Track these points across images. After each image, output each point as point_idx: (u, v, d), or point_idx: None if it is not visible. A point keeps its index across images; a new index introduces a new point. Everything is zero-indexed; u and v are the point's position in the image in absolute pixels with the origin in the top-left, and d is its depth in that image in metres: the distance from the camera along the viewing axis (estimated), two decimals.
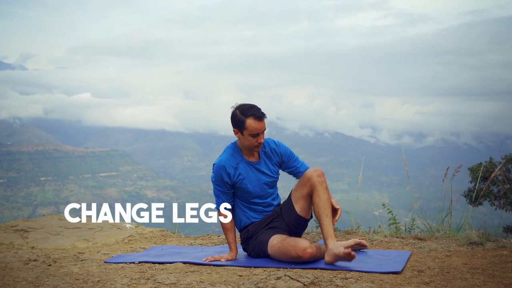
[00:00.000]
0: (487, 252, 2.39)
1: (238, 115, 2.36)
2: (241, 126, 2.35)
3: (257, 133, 2.35)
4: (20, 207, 76.64)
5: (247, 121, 2.33)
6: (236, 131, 2.38)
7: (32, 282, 2.03)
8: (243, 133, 2.37)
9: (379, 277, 2.04)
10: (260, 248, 2.41)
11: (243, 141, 2.40)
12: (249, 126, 2.33)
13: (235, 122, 2.38)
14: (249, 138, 2.36)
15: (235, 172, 2.39)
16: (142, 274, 2.19)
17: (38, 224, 3.45)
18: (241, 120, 2.35)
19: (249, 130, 2.34)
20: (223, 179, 2.39)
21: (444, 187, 2.99)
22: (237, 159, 2.42)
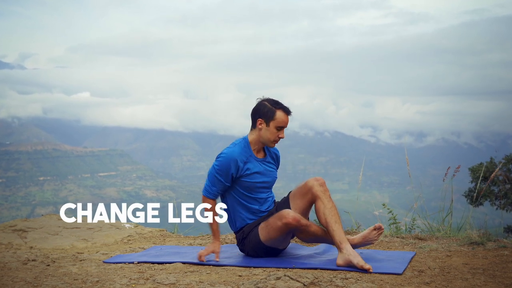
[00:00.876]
0: (488, 252, 2.38)
1: (267, 106, 2.36)
2: (270, 116, 2.35)
3: (282, 126, 2.37)
4: (19, 207, 76.58)
5: (277, 112, 2.35)
6: (261, 121, 2.36)
7: (31, 282, 2.03)
8: (269, 124, 2.35)
9: (379, 277, 2.03)
10: (254, 241, 2.38)
11: (265, 133, 2.38)
12: (278, 118, 2.35)
13: (262, 112, 2.36)
14: (273, 131, 2.36)
15: (244, 165, 2.39)
16: (141, 274, 2.18)
17: (37, 224, 3.44)
18: (271, 110, 2.35)
19: (277, 121, 2.35)
20: (229, 171, 2.35)
21: (444, 187, 2.98)
22: (247, 154, 2.41)
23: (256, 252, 2.42)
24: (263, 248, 2.39)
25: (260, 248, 2.39)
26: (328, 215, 2.28)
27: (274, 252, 2.43)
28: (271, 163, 2.50)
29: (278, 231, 2.29)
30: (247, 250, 2.45)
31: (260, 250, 2.40)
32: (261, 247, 2.39)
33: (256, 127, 2.39)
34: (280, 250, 2.44)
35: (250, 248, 2.43)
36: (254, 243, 2.39)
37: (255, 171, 2.41)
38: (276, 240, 2.34)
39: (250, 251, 2.43)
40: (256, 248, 2.41)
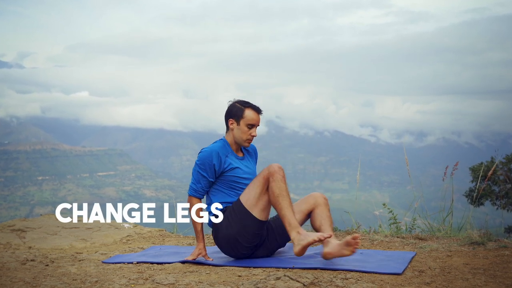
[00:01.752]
0: (489, 252, 2.38)
1: (237, 105, 2.42)
2: (239, 115, 2.40)
3: (253, 124, 2.40)
4: (17, 206, 76.45)
5: (246, 111, 2.40)
6: (232, 121, 2.42)
7: (30, 283, 2.02)
8: (240, 123, 2.40)
9: (380, 278, 2.02)
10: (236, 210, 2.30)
11: (237, 132, 2.42)
12: (247, 116, 2.39)
13: (232, 112, 2.42)
14: (245, 129, 2.40)
15: (225, 159, 2.41)
16: (140, 274, 2.17)
17: (36, 224, 3.43)
18: (240, 109, 2.40)
19: (246, 119, 2.39)
20: (211, 164, 2.37)
21: (445, 186, 2.97)
22: (227, 151, 2.45)
23: (230, 220, 2.31)
24: (238, 209, 2.29)
25: (236, 210, 2.30)
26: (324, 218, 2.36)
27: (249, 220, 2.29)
28: (250, 160, 2.54)
29: (256, 179, 2.29)
30: (222, 222, 2.33)
31: (235, 214, 2.30)
32: (237, 208, 2.30)
33: (229, 128, 2.44)
34: (253, 218, 2.29)
35: (224, 218, 2.32)
36: (231, 208, 2.33)
37: (237, 166, 2.43)
38: (252, 195, 2.28)
39: (224, 221, 2.31)
40: (232, 213, 2.31)
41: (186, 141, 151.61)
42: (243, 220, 2.32)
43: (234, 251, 2.39)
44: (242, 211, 2.32)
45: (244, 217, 2.32)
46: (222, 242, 2.40)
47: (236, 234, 2.34)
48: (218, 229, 2.40)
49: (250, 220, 2.32)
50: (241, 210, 2.32)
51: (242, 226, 2.33)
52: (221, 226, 2.39)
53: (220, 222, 2.39)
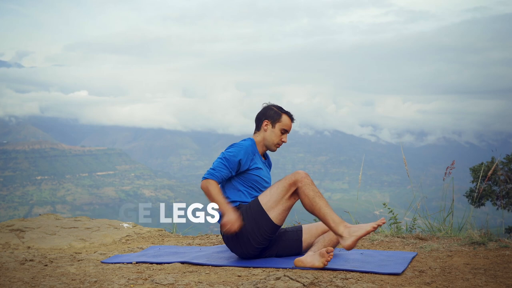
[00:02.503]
0: (489, 252, 2.37)
1: (274, 109, 2.47)
2: (276, 118, 2.45)
3: (286, 130, 2.47)
4: (16, 206, 76.30)
5: (283, 116, 2.46)
6: (267, 122, 2.45)
7: (28, 283, 2.01)
8: (275, 126, 2.44)
9: (380, 278, 2.02)
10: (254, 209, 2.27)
11: (269, 135, 2.45)
12: (284, 120, 2.46)
13: (269, 115, 2.46)
14: (278, 133, 2.45)
15: (254, 157, 2.41)
16: (140, 274, 2.17)
17: (34, 223, 3.42)
18: (277, 113, 2.46)
19: (282, 123, 2.45)
20: (238, 158, 2.33)
21: (445, 186, 2.97)
22: (255, 150, 2.45)
23: (244, 217, 2.26)
24: (255, 208, 2.26)
25: (252, 209, 2.26)
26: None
27: (263, 221, 2.26)
28: (268, 168, 2.56)
29: (280, 183, 2.25)
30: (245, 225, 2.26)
31: (251, 212, 2.27)
32: (254, 207, 2.26)
33: (261, 129, 2.46)
34: (269, 220, 2.27)
35: (248, 222, 2.26)
36: (249, 205, 2.29)
37: (260, 167, 2.44)
38: (273, 197, 2.26)
39: (248, 226, 2.25)
40: (248, 210, 2.27)
41: (186, 141, 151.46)
42: (258, 221, 2.30)
43: (242, 249, 2.35)
44: (259, 212, 2.30)
45: (260, 218, 2.30)
46: (232, 238, 2.34)
47: (248, 233, 2.31)
48: None
49: (265, 221, 2.30)
50: (258, 210, 2.30)
51: (256, 226, 2.30)
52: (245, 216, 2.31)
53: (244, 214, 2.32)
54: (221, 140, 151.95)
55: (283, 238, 2.40)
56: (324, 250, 2.17)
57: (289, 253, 2.41)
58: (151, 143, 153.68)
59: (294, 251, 2.41)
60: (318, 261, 2.17)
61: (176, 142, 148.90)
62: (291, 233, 2.42)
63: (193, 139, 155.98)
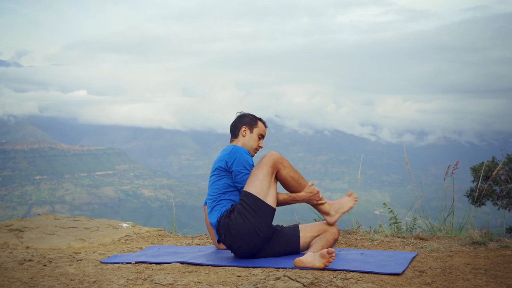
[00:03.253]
0: (490, 252, 2.37)
1: (249, 116, 2.60)
2: (253, 124, 2.58)
3: (263, 135, 2.59)
4: (15, 206, 76.18)
5: (259, 123, 2.60)
6: (245, 128, 2.56)
7: (27, 283, 2.00)
8: (252, 131, 2.57)
9: (380, 278, 2.01)
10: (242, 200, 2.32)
11: (248, 140, 2.56)
12: (260, 126, 2.60)
13: (245, 121, 2.58)
14: (256, 138, 2.57)
15: None
16: (139, 274, 2.16)
17: (33, 223, 3.41)
18: (254, 119, 2.60)
19: (259, 129, 2.58)
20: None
21: (446, 186, 2.96)
22: None
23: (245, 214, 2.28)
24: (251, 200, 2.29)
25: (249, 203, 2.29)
26: None
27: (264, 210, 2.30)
28: None
29: (262, 169, 2.33)
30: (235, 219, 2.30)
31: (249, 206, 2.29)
32: (250, 200, 2.30)
33: (239, 135, 2.56)
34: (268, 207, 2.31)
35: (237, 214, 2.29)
36: (242, 202, 2.31)
37: None
38: (262, 182, 2.31)
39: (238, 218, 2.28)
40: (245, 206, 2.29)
41: (185, 140, 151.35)
42: (259, 211, 2.32)
43: (249, 245, 2.33)
44: (257, 202, 2.32)
45: (260, 208, 2.32)
46: (237, 238, 2.33)
47: (254, 226, 2.31)
48: (230, 227, 2.34)
49: (265, 210, 2.34)
50: (255, 201, 2.32)
51: (259, 217, 2.32)
52: (236, 222, 2.32)
53: (232, 220, 2.33)
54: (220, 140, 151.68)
55: (281, 234, 2.43)
56: (325, 251, 2.17)
57: (286, 249, 2.42)
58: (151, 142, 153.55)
59: (292, 247, 2.42)
60: (319, 262, 2.17)
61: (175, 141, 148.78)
62: (288, 229, 2.47)
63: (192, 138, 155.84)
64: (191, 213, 68.87)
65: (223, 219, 2.39)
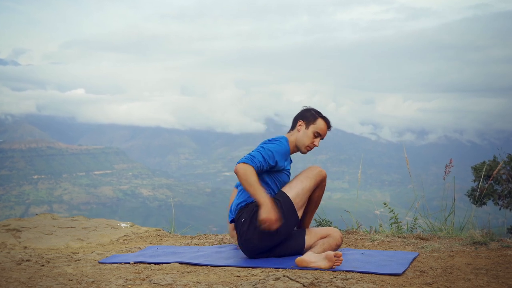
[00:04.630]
0: (491, 252, 2.36)
1: (312, 112, 2.45)
2: (311, 120, 2.42)
3: (319, 134, 2.43)
4: (12, 206, 75.97)
5: (319, 119, 2.43)
6: (301, 123, 2.42)
7: (25, 283, 1.99)
8: (308, 127, 2.42)
9: (381, 278, 2.00)
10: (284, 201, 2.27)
11: (302, 136, 2.42)
12: (318, 123, 2.42)
13: (305, 116, 2.43)
14: (310, 135, 2.41)
15: (287, 158, 2.42)
16: (138, 274, 2.15)
17: (31, 223, 3.39)
18: (314, 116, 2.43)
19: (316, 126, 2.42)
20: (277, 157, 2.30)
21: (446, 185, 2.95)
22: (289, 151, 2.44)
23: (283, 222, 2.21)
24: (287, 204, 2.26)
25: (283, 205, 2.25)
26: None
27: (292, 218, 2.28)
28: None
29: (310, 181, 2.31)
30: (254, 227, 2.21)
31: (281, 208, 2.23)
32: (285, 203, 2.26)
33: (295, 129, 2.44)
34: (296, 218, 2.32)
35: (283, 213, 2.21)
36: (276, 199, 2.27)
37: (289, 168, 2.46)
38: (303, 194, 2.31)
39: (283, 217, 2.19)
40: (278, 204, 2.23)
41: (184, 140, 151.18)
42: (288, 218, 2.29)
43: (261, 242, 2.28)
44: (290, 209, 2.30)
45: (290, 215, 2.30)
46: (255, 230, 2.24)
47: (277, 229, 2.24)
48: (254, 217, 2.24)
49: (294, 219, 2.33)
50: (289, 207, 2.30)
51: (285, 223, 2.27)
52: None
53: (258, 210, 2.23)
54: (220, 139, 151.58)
55: (288, 237, 2.38)
56: (332, 254, 2.14)
57: (291, 252, 2.39)
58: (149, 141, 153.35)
59: (296, 249, 2.39)
60: (325, 264, 2.14)
61: (174, 140, 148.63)
62: (296, 233, 2.41)
63: (191, 137, 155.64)
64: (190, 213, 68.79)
65: (253, 205, 2.29)
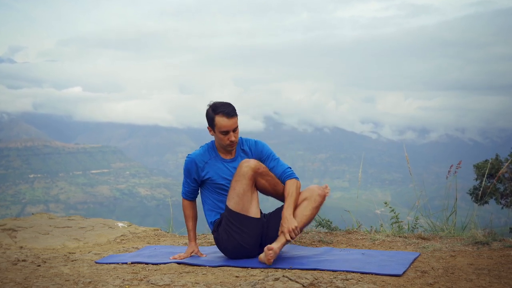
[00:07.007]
0: (493, 252, 2.34)
1: (209, 112, 2.38)
2: (212, 123, 2.38)
3: (226, 131, 2.34)
4: (8, 205, 75.57)
5: (217, 118, 2.34)
6: (209, 128, 2.42)
7: (21, 283, 1.97)
8: (215, 131, 2.39)
9: (381, 279, 1.99)
10: (225, 215, 2.31)
11: (217, 139, 2.43)
12: (218, 123, 2.34)
13: (207, 120, 2.40)
14: (220, 136, 2.37)
15: (204, 166, 2.41)
16: (135, 275, 2.13)
17: (27, 223, 3.37)
18: (211, 117, 2.37)
19: (218, 127, 2.34)
20: (191, 174, 2.44)
21: (448, 184, 2.93)
22: (210, 155, 2.44)
23: (228, 230, 2.28)
24: (233, 217, 2.27)
25: (231, 219, 2.27)
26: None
27: (247, 223, 2.27)
28: (245, 157, 2.44)
29: (241, 182, 2.25)
30: (221, 235, 2.33)
31: (231, 223, 2.27)
32: (232, 217, 2.28)
33: None
34: (251, 219, 2.28)
35: (222, 231, 2.32)
36: (225, 218, 2.31)
37: (218, 172, 2.40)
38: (242, 197, 2.25)
39: (223, 233, 2.31)
40: (228, 223, 2.29)
41: (182, 138, 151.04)
42: (243, 227, 2.31)
43: (238, 255, 2.37)
44: (238, 218, 2.30)
45: (243, 223, 2.31)
46: (226, 252, 2.39)
47: (239, 241, 2.32)
48: (218, 242, 2.40)
49: (249, 223, 2.32)
50: (237, 217, 2.30)
51: (243, 232, 2.31)
52: (222, 239, 2.37)
53: (220, 234, 2.37)
54: None
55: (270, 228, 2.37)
56: (265, 248, 2.19)
57: None
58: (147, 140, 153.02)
59: None
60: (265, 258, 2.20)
61: (172, 139, 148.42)
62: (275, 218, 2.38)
63: (189, 136, 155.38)
64: None
65: (214, 228, 2.42)
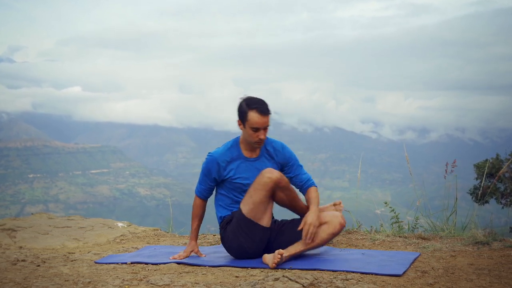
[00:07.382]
0: (494, 252, 2.34)
1: (243, 106, 2.33)
2: (244, 117, 2.32)
3: (257, 128, 2.30)
4: (8, 205, 75.46)
5: (250, 113, 2.30)
6: (239, 122, 2.36)
7: (20, 283, 1.97)
8: (245, 125, 2.33)
9: (381, 279, 1.98)
10: (236, 218, 2.31)
11: (245, 135, 2.37)
12: (250, 119, 2.29)
13: (239, 113, 2.35)
14: (250, 132, 2.32)
15: (227, 165, 2.36)
16: (135, 275, 2.13)
17: (26, 223, 3.37)
18: (244, 111, 2.32)
19: (250, 122, 2.30)
20: (211, 172, 2.39)
21: (448, 184, 2.92)
22: (232, 154, 2.38)
23: (236, 232, 2.29)
24: (244, 222, 2.27)
25: (241, 224, 2.27)
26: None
27: (256, 231, 2.27)
28: (267, 161, 2.41)
29: (259, 191, 2.23)
30: (228, 234, 2.33)
31: (240, 227, 2.27)
32: (242, 222, 2.27)
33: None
34: (261, 228, 2.28)
35: (230, 231, 2.32)
36: (236, 221, 2.31)
37: (240, 172, 2.38)
38: (257, 206, 2.24)
39: (231, 234, 2.31)
40: (237, 226, 2.29)
41: (182, 138, 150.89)
42: (251, 233, 2.31)
43: (240, 256, 2.38)
44: (249, 224, 2.29)
45: (252, 230, 2.30)
46: (231, 251, 2.40)
47: (243, 244, 2.33)
48: (224, 239, 2.41)
49: (258, 232, 2.31)
50: (247, 223, 2.30)
51: (249, 237, 2.31)
52: (228, 238, 2.37)
53: (227, 232, 2.37)
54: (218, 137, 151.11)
55: (284, 235, 2.37)
56: (276, 252, 2.20)
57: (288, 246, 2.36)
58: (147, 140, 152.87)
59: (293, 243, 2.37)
60: (270, 261, 2.21)
61: (172, 139, 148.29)
62: (291, 225, 2.39)
63: (189, 136, 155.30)
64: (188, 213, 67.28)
65: (223, 224, 2.42)
